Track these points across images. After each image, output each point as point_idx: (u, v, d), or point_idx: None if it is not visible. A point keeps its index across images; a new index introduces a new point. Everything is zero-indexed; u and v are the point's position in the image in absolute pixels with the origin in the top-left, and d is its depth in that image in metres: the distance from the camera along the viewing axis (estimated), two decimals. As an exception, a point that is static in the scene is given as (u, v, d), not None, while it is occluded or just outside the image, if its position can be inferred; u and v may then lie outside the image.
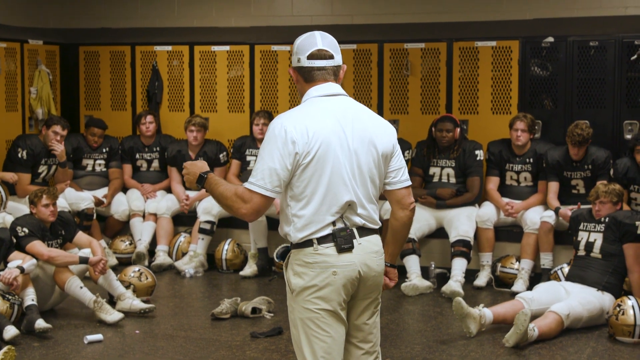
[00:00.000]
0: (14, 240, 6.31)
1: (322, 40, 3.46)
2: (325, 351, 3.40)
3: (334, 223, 3.38)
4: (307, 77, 3.46)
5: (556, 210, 7.11)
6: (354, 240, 3.40)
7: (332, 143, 3.36)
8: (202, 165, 3.54)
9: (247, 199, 3.35)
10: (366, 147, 3.43)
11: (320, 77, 3.46)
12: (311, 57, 3.44)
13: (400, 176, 3.55)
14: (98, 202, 8.15)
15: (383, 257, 3.53)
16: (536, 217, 7.26)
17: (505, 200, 7.52)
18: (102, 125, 8.46)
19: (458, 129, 7.54)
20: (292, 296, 3.43)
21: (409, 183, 3.59)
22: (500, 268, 7.39)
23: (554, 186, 7.33)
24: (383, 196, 7.91)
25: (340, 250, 3.37)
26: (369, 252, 3.44)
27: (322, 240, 3.37)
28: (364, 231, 3.44)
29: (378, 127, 3.49)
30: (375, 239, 3.49)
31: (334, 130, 3.37)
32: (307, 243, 3.38)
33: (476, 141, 7.66)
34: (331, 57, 3.46)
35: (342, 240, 3.37)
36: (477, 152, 7.55)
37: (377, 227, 3.49)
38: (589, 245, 6.33)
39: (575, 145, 7.12)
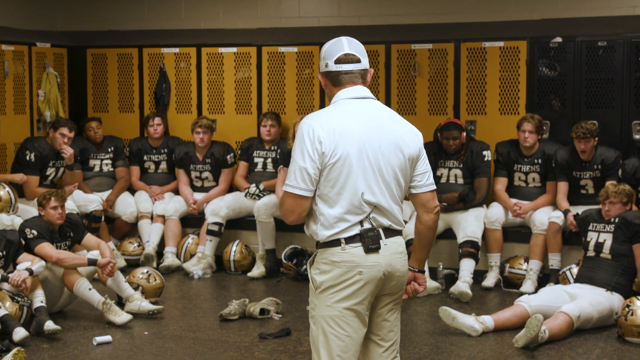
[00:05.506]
0: (23, 242, 6.33)
1: (348, 45, 3.52)
2: (342, 350, 3.44)
3: (361, 223, 3.43)
4: (335, 81, 3.52)
5: (565, 212, 7.09)
6: (381, 241, 3.45)
7: (359, 144, 3.41)
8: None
9: (281, 201, 3.45)
10: (393, 150, 3.47)
11: (348, 80, 3.51)
12: (338, 61, 3.51)
13: (426, 180, 3.59)
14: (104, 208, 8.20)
15: (407, 257, 3.58)
16: (544, 217, 7.24)
17: (514, 200, 7.51)
18: (95, 118, 8.56)
19: (464, 133, 7.52)
20: (315, 293, 3.47)
21: (434, 187, 3.62)
22: (509, 269, 7.38)
23: (563, 186, 7.31)
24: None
25: (368, 250, 3.42)
26: (394, 252, 3.49)
27: (349, 240, 3.42)
28: (390, 232, 3.50)
29: (405, 131, 3.54)
30: (400, 240, 3.54)
31: (361, 132, 3.42)
32: (334, 242, 3.42)
33: (484, 142, 7.64)
34: (358, 60, 3.52)
35: (370, 240, 3.42)
36: (484, 152, 7.54)
37: (401, 228, 3.54)
38: (599, 246, 6.32)
39: (580, 138, 7.09)
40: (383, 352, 3.57)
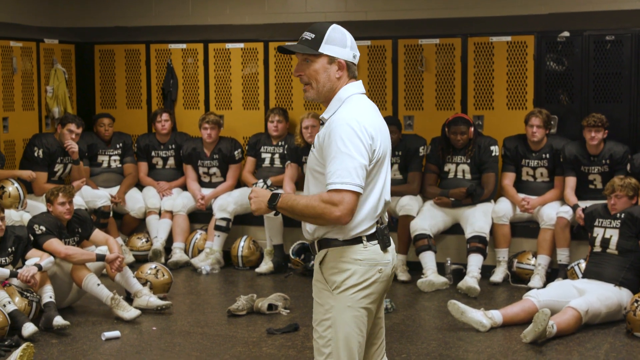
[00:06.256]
0: (32, 238, 6.35)
1: None
2: (358, 351, 3.35)
3: (377, 221, 3.37)
4: (352, 72, 3.42)
5: (574, 207, 7.07)
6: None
7: (388, 141, 3.38)
8: (266, 192, 3.37)
9: (338, 200, 3.18)
10: (389, 146, 3.48)
11: (355, 74, 3.46)
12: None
13: None
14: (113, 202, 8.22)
15: None
16: (552, 212, 7.23)
17: (522, 195, 7.49)
18: (108, 115, 8.57)
19: (472, 128, 7.51)
20: (332, 294, 3.32)
21: None
22: (517, 264, 7.37)
23: (571, 181, 7.29)
24: (397, 192, 7.82)
25: (384, 247, 3.36)
26: (393, 249, 3.47)
27: (370, 237, 3.33)
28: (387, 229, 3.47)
29: None
30: None
31: (385, 129, 3.40)
32: (356, 240, 3.31)
33: (491, 137, 7.63)
34: None
35: (386, 238, 3.37)
36: (492, 148, 7.52)
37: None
38: (605, 242, 6.30)
39: (591, 126, 7.07)
40: (376, 350, 3.53)
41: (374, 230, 3.34)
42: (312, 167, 3.39)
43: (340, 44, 3.37)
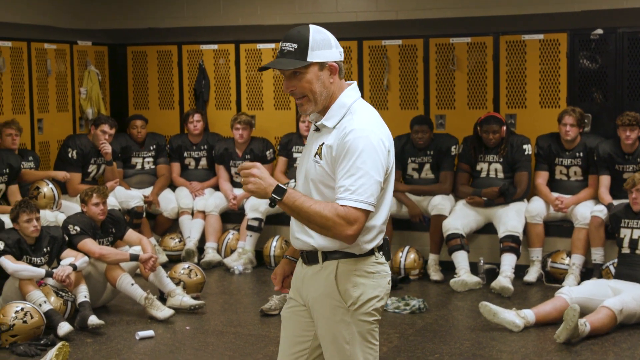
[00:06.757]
0: (66, 239, 6.41)
1: None
2: None
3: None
4: (343, 72, 3.22)
5: (609, 207, 7.00)
6: None
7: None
8: (271, 179, 3.08)
9: (354, 219, 2.99)
10: None
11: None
12: None
13: None
14: (148, 202, 8.28)
15: None
16: (587, 211, 7.16)
17: (555, 195, 7.43)
18: (141, 117, 8.62)
19: (504, 127, 7.47)
20: (347, 311, 3.13)
21: None
22: (551, 263, 7.31)
23: (605, 180, 7.22)
24: (429, 191, 7.79)
25: (388, 259, 3.25)
26: None
27: (379, 249, 3.18)
28: None
29: None
30: None
31: None
32: (369, 253, 3.15)
33: (524, 135, 7.58)
34: None
35: (389, 248, 3.27)
36: (525, 146, 7.47)
37: None
38: (634, 243, 6.22)
39: (626, 125, 7.00)
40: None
41: (382, 242, 3.21)
42: (320, 179, 3.12)
43: (326, 46, 3.11)
